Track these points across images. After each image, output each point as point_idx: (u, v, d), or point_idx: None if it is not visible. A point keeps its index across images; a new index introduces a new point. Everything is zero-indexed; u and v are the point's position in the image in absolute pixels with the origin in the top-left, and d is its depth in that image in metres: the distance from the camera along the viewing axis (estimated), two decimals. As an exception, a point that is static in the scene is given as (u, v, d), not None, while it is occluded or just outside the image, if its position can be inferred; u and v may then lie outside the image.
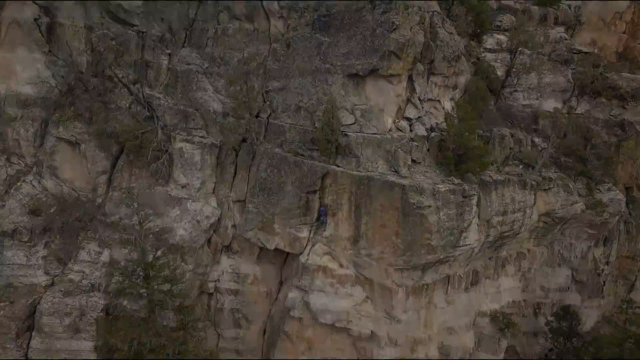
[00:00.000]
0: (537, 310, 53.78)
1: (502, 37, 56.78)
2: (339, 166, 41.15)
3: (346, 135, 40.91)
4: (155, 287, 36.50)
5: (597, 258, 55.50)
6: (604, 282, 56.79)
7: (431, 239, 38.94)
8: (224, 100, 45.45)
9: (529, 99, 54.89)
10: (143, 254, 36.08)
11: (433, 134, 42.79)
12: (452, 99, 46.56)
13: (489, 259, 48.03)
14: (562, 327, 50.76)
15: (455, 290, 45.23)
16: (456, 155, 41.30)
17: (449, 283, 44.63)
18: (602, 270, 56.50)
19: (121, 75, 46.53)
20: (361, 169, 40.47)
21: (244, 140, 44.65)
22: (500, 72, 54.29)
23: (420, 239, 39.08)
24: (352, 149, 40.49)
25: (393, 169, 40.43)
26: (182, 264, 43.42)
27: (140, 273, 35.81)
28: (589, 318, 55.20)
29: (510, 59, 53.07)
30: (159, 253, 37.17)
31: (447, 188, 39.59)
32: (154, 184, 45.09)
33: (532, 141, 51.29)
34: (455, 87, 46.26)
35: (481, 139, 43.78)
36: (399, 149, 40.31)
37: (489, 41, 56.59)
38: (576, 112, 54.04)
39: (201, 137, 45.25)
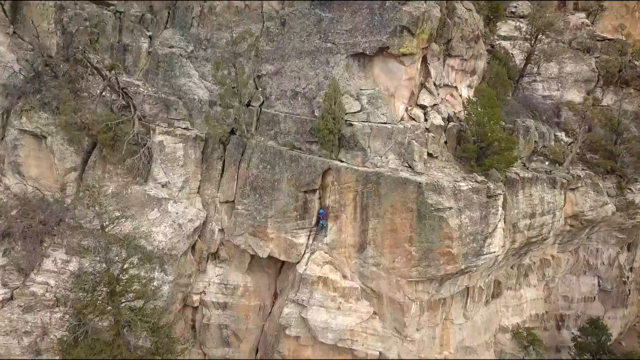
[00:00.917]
0: (559, 323, 46.23)
1: (518, 24, 49.20)
2: (342, 161, 33.58)
3: (351, 124, 33.33)
4: (123, 304, 28.67)
5: (622, 264, 47.93)
6: (629, 290, 49.23)
7: (451, 247, 31.30)
8: (210, 87, 37.96)
9: (549, 90, 48.05)
10: (107, 265, 28.21)
11: (451, 124, 35.29)
12: (469, 86, 39.02)
13: (511, 267, 40.33)
14: (589, 343, 42.99)
15: (475, 304, 37.67)
16: (479, 148, 33.58)
17: (468, 296, 37.09)
18: (627, 277, 48.94)
19: (95, 61, 38.94)
20: (368, 164, 32.84)
21: (232, 132, 37.20)
22: (517, 61, 46.79)
23: (439, 246, 31.44)
24: (358, 141, 32.85)
25: (406, 164, 32.81)
26: (162, 274, 35.71)
27: (103, 288, 28.00)
28: (613, 330, 47.51)
29: (531, 45, 45.35)
30: (126, 265, 29.12)
31: (469, 186, 32.00)
32: (131, 183, 37.44)
33: (555, 135, 43.89)
34: (473, 73, 38.74)
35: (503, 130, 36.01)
36: (414, 141, 32.68)
37: (504, 28, 49.26)
38: (601, 104, 46.35)
39: (184, 128, 37.75)
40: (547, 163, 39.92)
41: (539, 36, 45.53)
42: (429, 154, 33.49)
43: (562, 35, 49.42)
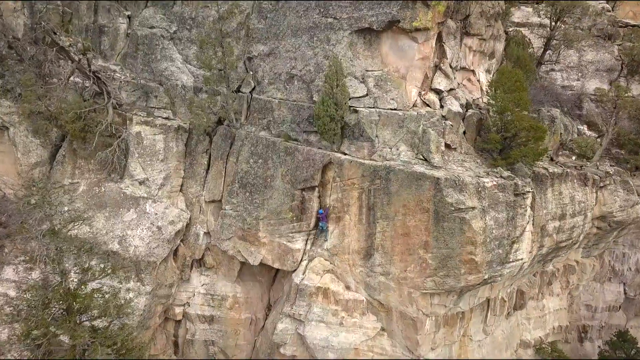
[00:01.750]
0: (582, 335, 40.27)
1: (533, 9, 43.25)
2: (345, 153, 27.70)
3: (355, 111, 27.45)
4: (84, 323, 22.80)
5: (646, 269, 41.94)
6: (654, 297, 43.23)
7: (475, 253, 25.40)
8: (195, 72, 32.11)
9: (569, 80, 42.21)
10: (62, 277, 22.27)
11: (470, 111, 29.37)
12: (487, 70, 33.15)
13: (533, 275, 34.38)
14: (617, 357, 37.03)
15: (496, 318, 31.80)
16: (503, 138, 27.69)
17: (488, 308, 31.22)
18: (653, 283, 42.97)
19: (68, 44, 32.96)
20: (376, 157, 26.94)
21: (220, 122, 31.42)
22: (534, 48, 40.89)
23: (460, 253, 25.57)
24: (364, 130, 26.97)
25: (421, 156, 26.96)
26: (138, 284, 29.79)
27: (55, 305, 22.11)
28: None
29: (550, 29, 39.42)
30: (88, 275, 23.15)
31: (494, 183, 26.08)
32: (105, 180, 31.53)
33: (577, 129, 38.02)
34: (492, 56, 32.91)
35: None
36: (430, 129, 26.67)
37: (517, 14, 43.35)
38: (626, 94, 40.30)
39: (165, 118, 31.91)
40: (573, 158, 33.96)
41: (559, 20, 39.53)
42: (447, 145, 27.58)
43: (581, 22, 43.40)
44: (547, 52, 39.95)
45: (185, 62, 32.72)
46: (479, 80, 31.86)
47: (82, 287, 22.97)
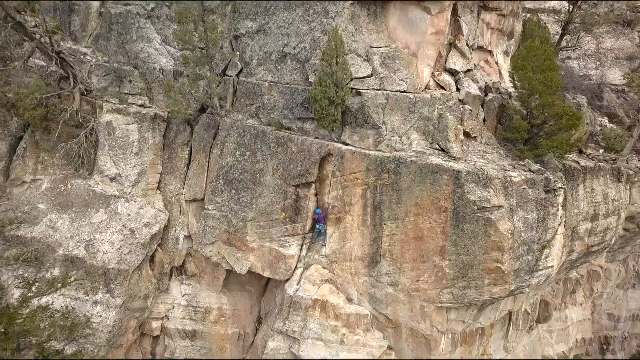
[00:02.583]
0: (604, 346, 35.35)
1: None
2: (347, 143, 22.79)
3: (359, 93, 22.56)
4: (23, 350, 17.81)
5: (668, 274, 37.14)
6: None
7: (501, 261, 20.49)
8: (175, 54, 27.21)
9: (586, 69, 37.53)
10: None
11: (490, 95, 24.38)
12: (505, 52, 28.29)
13: (556, 282, 29.49)
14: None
15: (518, 333, 26.81)
16: (530, 125, 22.82)
17: (509, 322, 26.24)
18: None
19: (34, 24, 28.01)
20: (383, 147, 22.05)
21: (202, 110, 26.38)
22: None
23: (483, 260, 20.66)
24: (369, 115, 22.09)
25: (436, 146, 22.11)
26: (107, 296, 24.80)
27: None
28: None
29: (568, 11, 34.61)
30: (33, 289, 18.19)
31: (522, 177, 21.23)
32: (72, 176, 26.51)
33: (599, 121, 33.28)
34: (510, 35, 28.07)
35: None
36: (447, 113, 21.77)
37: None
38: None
39: (140, 105, 27.04)
40: (601, 151, 29.14)
41: (578, 1, 34.74)
42: (466, 134, 22.68)
43: (597, 7, 38.73)
44: (565, 37, 35.09)
45: (164, 42, 27.84)
46: (497, 63, 27.00)
47: (25, 304, 17.90)
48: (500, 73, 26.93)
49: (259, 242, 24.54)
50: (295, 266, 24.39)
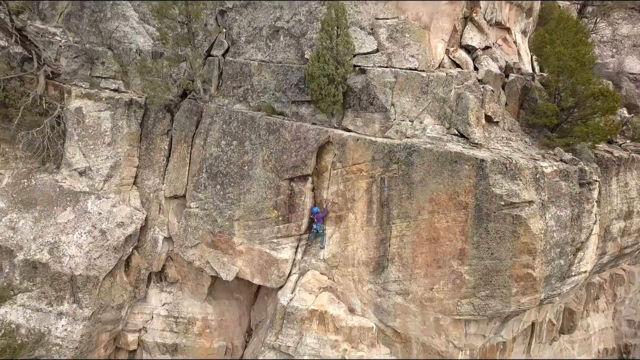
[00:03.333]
0: (624, 355, 31.70)
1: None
2: (349, 129, 19.07)
3: (363, 71, 18.89)
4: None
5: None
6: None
7: (532, 266, 16.83)
8: (154, 33, 23.48)
9: (602, 57, 33.69)
10: None
11: (512, 76, 20.65)
12: (524, 32, 24.68)
13: (579, 287, 25.83)
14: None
15: (541, 345, 23.11)
16: (560, 109, 19.17)
17: (532, 334, 22.53)
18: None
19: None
20: (392, 133, 18.37)
21: (184, 95, 22.49)
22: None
23: (511, 265, 17.00)
24: (375, 96, 18.40)
25: (455, 131, 18.48)
26: (74, 307, 21.02)
27: None
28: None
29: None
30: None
31: (555, 168, 17.52)
32: (37, 170, 22.73)
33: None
34: (529, 13, 24.54)
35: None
36: (467, 92, 18.09)
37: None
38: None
39: (114, 90, 23.17)
40: (628, 142, 25.55)
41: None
42: (487, 118, 19.00)
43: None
44: (582, 20, 31.54)
45: (142, 21, 24.11)
46: (515, 42, 23.37)
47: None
48: (519, 54, 23.31)
49: (247, 245, 20.83)
50: (290, 272, 20.68)
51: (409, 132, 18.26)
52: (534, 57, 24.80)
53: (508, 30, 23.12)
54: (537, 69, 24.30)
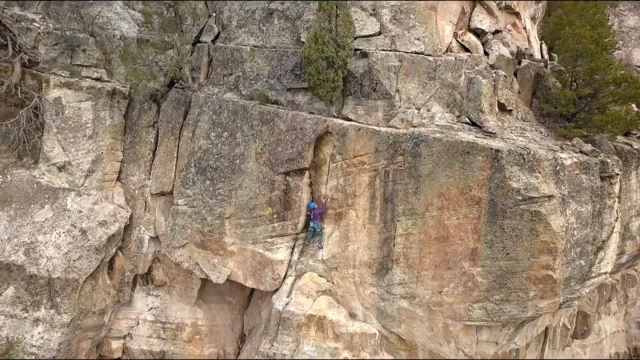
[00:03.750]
0: (634, 358, 29.93)
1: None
2: (350, 118, 17.24)
3: (365, 55, 17.11)
4: None
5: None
6: None
7: (552, 267, 15.09)
8: (139, 19, 21.60)
9: (607, 50, 31.57)
10: None
11: (524, 62, 18.86)
12: (533, 18, 22.93)
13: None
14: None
15: (555, 352, 21.31)
16: (578, 96, 17.42)
17: (545, 340, 20.75)
18: None
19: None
20: (397, 122, 16.57)
21: (171, 85, 20.61)
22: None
23: (529, 266, 15.27)
24: (379, 81, 16.61)
25: (466, 119, 16.69)
26: (52, 312, 19.13)
27: None
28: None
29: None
30: None
31: (575, 160, 15.71)
32: (13, 165, 20.82)
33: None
34: (538, -1, 22.62)
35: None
36: (479, 77, 16.28)
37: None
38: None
39: (96, 79, 21.24)
40: (638, 135, 23.85)
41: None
42: (500, 106, 17.20)
43: (613, -17, 33.69)
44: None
45: (126, 6, 22.25)
46: (525, 28, 21.61)
47: None
48: (529, 40, 21.57)
49: (239, 245, 18.98)
50: (285, 274, 18.85)
51: (415, 120, 16.46)
52: (543, 45, 23.10)
53: (517, 15, 21.35)
54: (546, 56, 22.55)
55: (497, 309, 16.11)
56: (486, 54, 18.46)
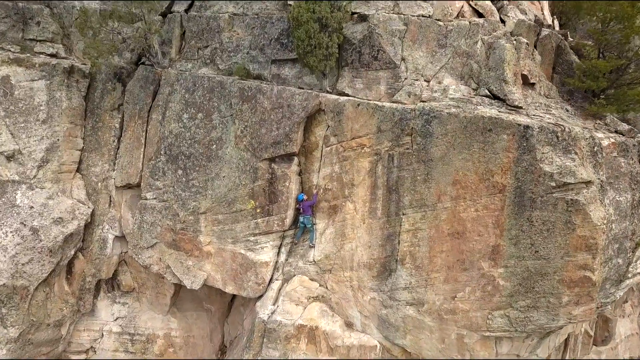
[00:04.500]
0: (643, 363, 27.24)
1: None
2: (346, 93, 14.11)
3: (364, 18, 14.16)
4: None
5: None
6: None
7: (592, 267, 12.27)
8: (104, -12, 18.26)
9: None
10: None
11: (545, 31, 16.00)
12: (545, -9, 20.09)
13: (607, 289, 21.38)
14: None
15: (575, 361, 18.59)
16: (608, 70, 14.68)
17: (565, 349, 17.96)
18: None
19: None
20: (403, 96, 13.66)
21: (138, 62, 17.41)
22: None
23: (562, 265, 12.46)
24: (381, 48, 13.71)
25: (486, 92, 13.61)
26: (-4, 325, 15.83)
27: None
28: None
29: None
30: None
31: (612, 141, 12.87)
32: (-46, 155, 17.48)
33: None
34: (552, -34, 19.87)
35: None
36: (501, 41, 13.39)
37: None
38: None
39: (51, 55, 17.95)
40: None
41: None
42: (523, 78, 14.32)
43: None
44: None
45: (89, -26, 18.97)
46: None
47: None
48: (542, 12, 18.80)
49: (217, 244, 15.93)
50: (271, 278, 15.83)
51: (425, 94, 13.56)
52: (555, 21, 20.39)
53: (531, -17, 18.60)
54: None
55: (522, 317, 13.28)
56: (502, 21, 15.63)
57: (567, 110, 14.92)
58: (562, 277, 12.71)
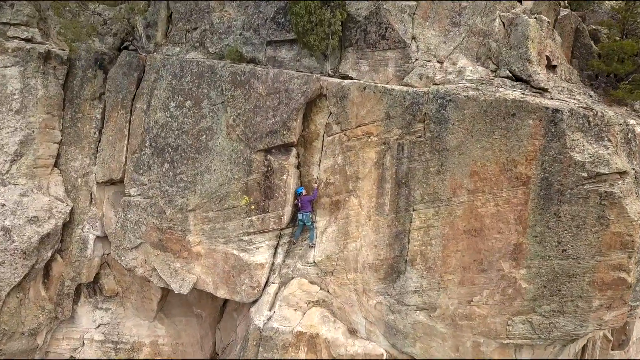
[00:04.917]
0: (651, 365, 25.96)
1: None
2: (349, 77, 12.55)
3: (369, -7, 12.48)
4: None
5: None
6: None
7: (626, 267, 10.87)
8: (83, -32, 16.53)
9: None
10: None
11: (564, 11, 14.56)
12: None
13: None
14: None
15: (592, 368, 17.17)
16: (634, 54, 13.24)
17: (583, 355, 16.46)
18: None
19: None
20: (414, 78, 12.13)
21: (121, 47, 15.73)
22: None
23: (593, 266, 10.95)
24: (389, 26, 12.17)
25: (507, 73, 12.08)
26: (-36, 335, 14.05)
27: None
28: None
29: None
30: None
31: (644, 127, 11.43)
32: None
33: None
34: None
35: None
36: (524, 16, 11.94)
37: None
38: None
39: (26, 39, 16.19)
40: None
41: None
42: (547, 60, 12.85)
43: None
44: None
45: (68, -47, 17.27)
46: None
47: None
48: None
49: (208, 245, 14.33)
50: (267, 281, 14.26)
51: (438, 76, 12.06)
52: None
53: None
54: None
55: (547, 323, 11.84)
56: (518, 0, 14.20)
57: (591, 96, 13.49)
58: (592, 278, 11.27)
